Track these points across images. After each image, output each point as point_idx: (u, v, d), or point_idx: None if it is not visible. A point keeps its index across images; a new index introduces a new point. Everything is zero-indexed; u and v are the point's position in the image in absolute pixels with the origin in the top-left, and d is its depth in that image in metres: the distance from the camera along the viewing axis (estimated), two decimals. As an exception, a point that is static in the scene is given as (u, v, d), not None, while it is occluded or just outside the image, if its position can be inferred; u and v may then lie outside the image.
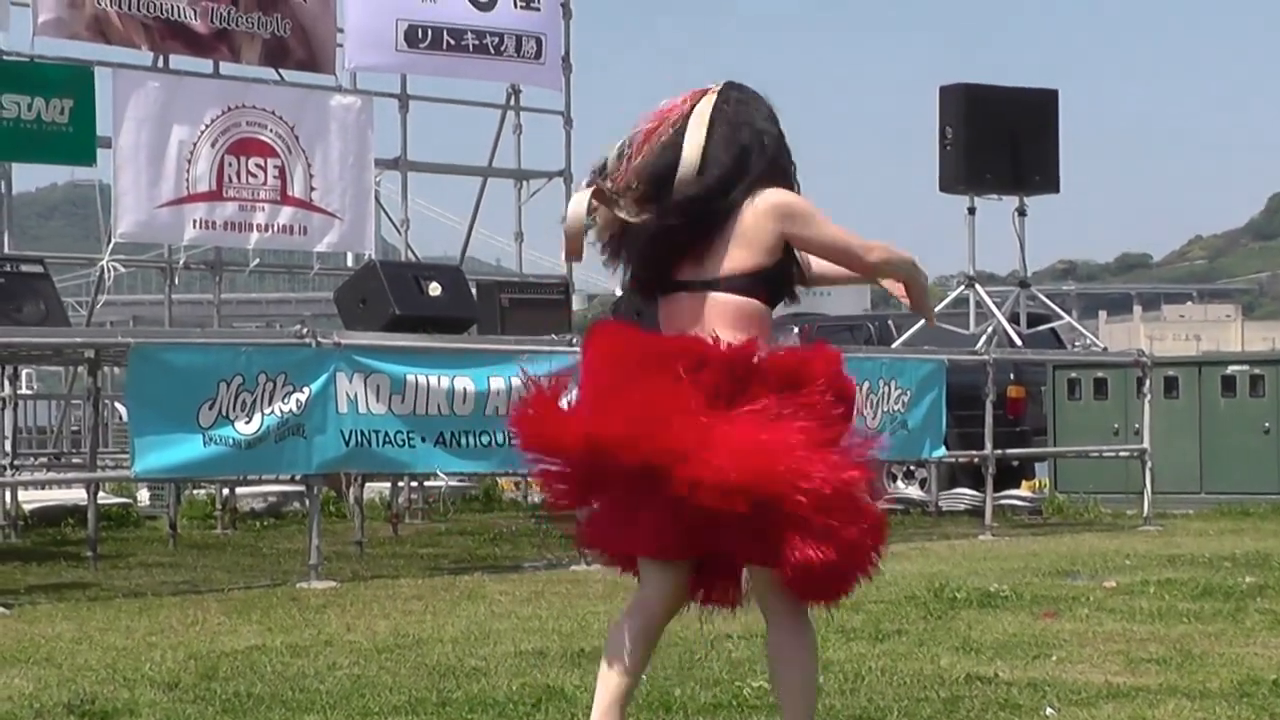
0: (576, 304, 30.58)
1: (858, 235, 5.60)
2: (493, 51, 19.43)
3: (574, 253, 5.53)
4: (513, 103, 20.88)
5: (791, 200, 5.48)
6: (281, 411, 12.13)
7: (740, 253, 5.41)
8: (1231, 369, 20.67)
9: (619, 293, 19.83)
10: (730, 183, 5.43)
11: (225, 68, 17.95)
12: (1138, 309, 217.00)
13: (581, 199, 5.46)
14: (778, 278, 5.52)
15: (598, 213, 5.45)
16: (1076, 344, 25.50)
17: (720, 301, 5.40)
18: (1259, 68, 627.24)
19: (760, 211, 5.42)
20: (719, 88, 5.60)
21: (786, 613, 5.36)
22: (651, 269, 5.49)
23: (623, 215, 5.41)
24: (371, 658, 8.48)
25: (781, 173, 5.55)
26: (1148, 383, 18.30)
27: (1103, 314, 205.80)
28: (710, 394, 5.23)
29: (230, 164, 17.52)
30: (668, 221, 5.39)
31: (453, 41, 19.14)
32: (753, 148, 5.49)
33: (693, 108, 5.54)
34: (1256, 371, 20.62)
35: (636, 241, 5.45)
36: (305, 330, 12.57)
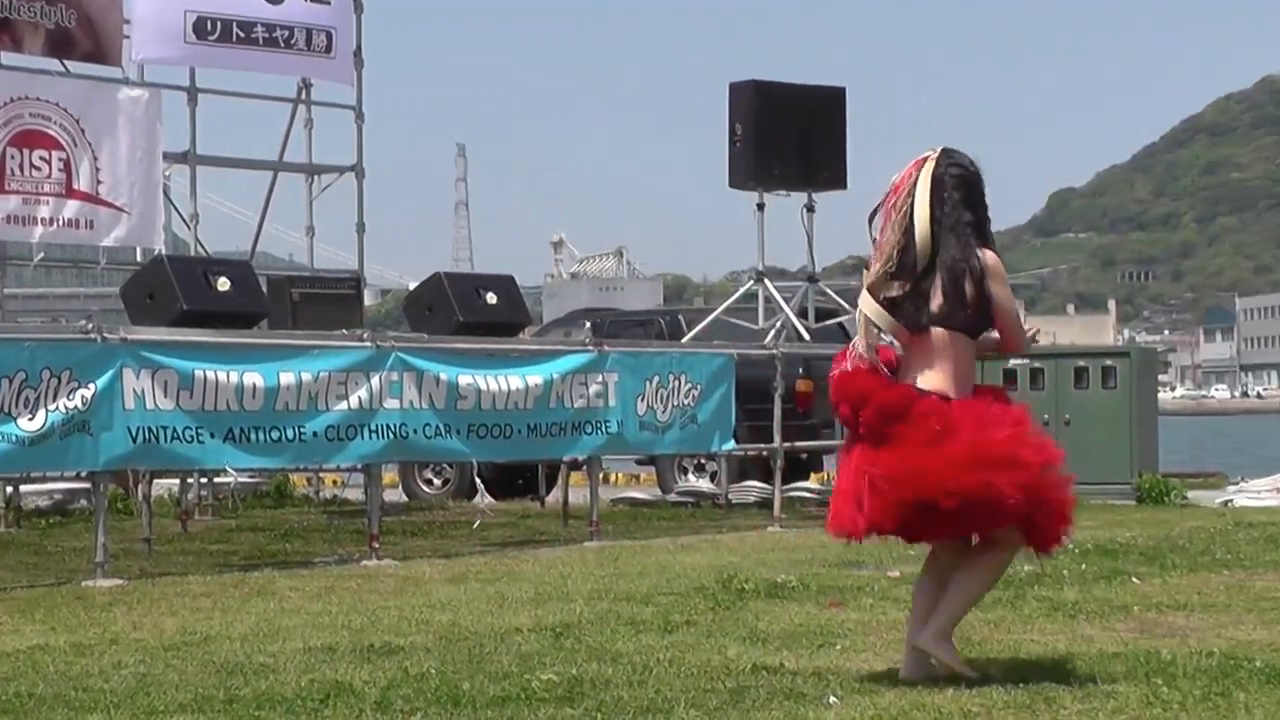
0: (369, 299, 30.49)
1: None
2: (283, 45, 19.32)
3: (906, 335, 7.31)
4: (304, 97, 20.77)
5: (996, 264, 7.28)
6: (66, 408, 11.97)
7: (968, 308, 7.22)
8: (1012, 363, 21.07)
9: (412, 286, 19.76)
10: (958, 250, 7.22)
11: (7, 58, 17.67)
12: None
13: (866, 302, 7.31)
14: (985, 320, 7.30)
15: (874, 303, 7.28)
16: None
17: (953, 338, 7.23)
18: (1039, 69, 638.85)
19: (991, 271, 7.24)
20: (936, 155, 7.37)
21: (987, 543, 7.35)
22: (908, 316, 7.26)
23: (892, 294, 7.28)
24: (158, 656, 8.41)
25: (986, 233, 7.34)
26: (931, 376, 18.56)
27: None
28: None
29: (13, 156, 17.26)
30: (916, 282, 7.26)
31: (242, 34, 19.00)
32: (974, 222, 7.29)
33: (917, 179, 7.31)
34: (1036, 365, 21.07)
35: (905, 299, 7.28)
36: (91, 326, 12.41)
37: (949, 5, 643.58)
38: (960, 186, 7.35)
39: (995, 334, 7.42)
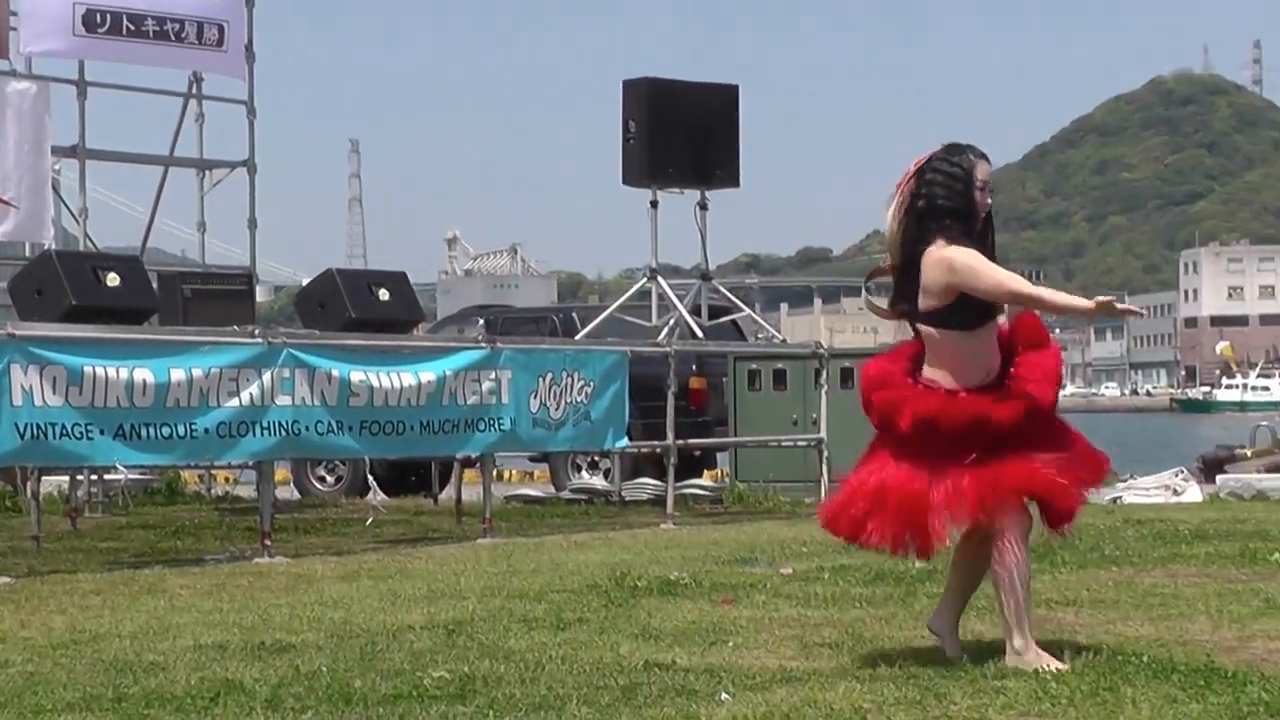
0: (261, 295, 30.26)
1: (1016, 281, 7.36)
2: (173, 38, 19.17)
3: (894, 318, 7.69)
4: (195, 91, 20.62)
5: (952, 257, 7.33)
6: (-47, 404, 11.83)
7: (924, 298, 7.42)
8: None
9: (305, 283, 19.64)
10: (913, 246, 7.43)
11: (-108, 50, 17.45)
12: (818, 301, 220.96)
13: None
14: (960, 310, 7.38)
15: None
16: (760, 335, 25.93)
17: (924, 331, 7.49)
18: (930, 68, 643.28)
19: (929, 265, 7.38)
20: (934, 152, 7.53)
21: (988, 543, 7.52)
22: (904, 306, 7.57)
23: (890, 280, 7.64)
24: (46, 654, 8.34)
25: (958, 229, 7.40)
26: (824, 374, 18.71)
27: (784, 306, 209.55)
28: None
29: (-101, 149, 17.03)
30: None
31: (133, 27, 18.83)
32: (927, 213, 7.42)
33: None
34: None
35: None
36: (-23, 321, 12.28)
37: (840, 3, 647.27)
38: (934, 184, 7.48)
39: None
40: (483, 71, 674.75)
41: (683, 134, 20.17)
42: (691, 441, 18.79)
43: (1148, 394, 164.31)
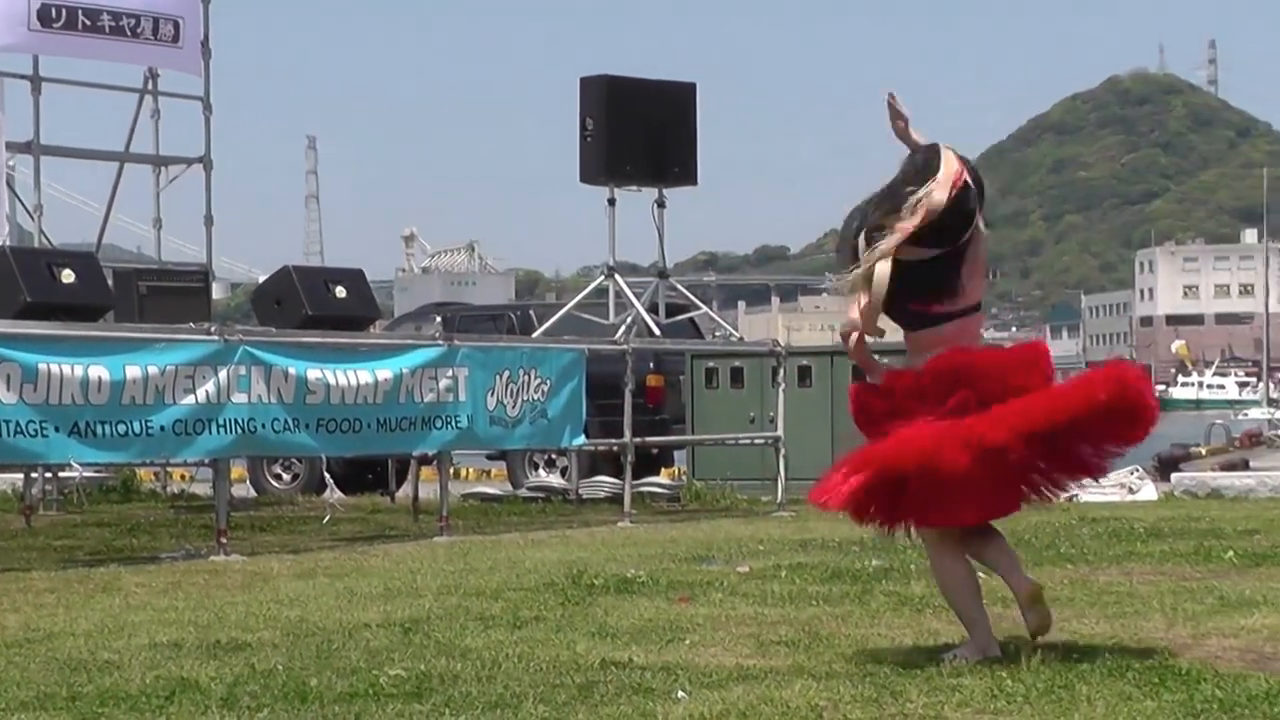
0: (217, 292, 30.18)
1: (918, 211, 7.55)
2: (129, 33, 19.09)
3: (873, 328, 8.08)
4: (150, 86, 20.56)
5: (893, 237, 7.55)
6: (-93, 401, 11.77)
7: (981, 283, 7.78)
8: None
9: (261, 280, 19.62)
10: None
11: None
12: (775, 299, 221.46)
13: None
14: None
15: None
16: (717, 333, 25.95)
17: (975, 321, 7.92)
18: (887, 66, 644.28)
19: (972, 253, 7.65)
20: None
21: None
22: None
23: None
24: (0, 653, 8.29)
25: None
26: (781, 372, 18.73)
27: (742, 304, 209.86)
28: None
29: None
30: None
31: (88, 22, 18.75)
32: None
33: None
34: (885, 360, 21.17)
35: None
36: (-69, 318, 12.22)
37: (796, 1, 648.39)
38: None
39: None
40: (440, 68, 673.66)
41: (640, 132, 20.19)
42: (649, 439, 18.80)
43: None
